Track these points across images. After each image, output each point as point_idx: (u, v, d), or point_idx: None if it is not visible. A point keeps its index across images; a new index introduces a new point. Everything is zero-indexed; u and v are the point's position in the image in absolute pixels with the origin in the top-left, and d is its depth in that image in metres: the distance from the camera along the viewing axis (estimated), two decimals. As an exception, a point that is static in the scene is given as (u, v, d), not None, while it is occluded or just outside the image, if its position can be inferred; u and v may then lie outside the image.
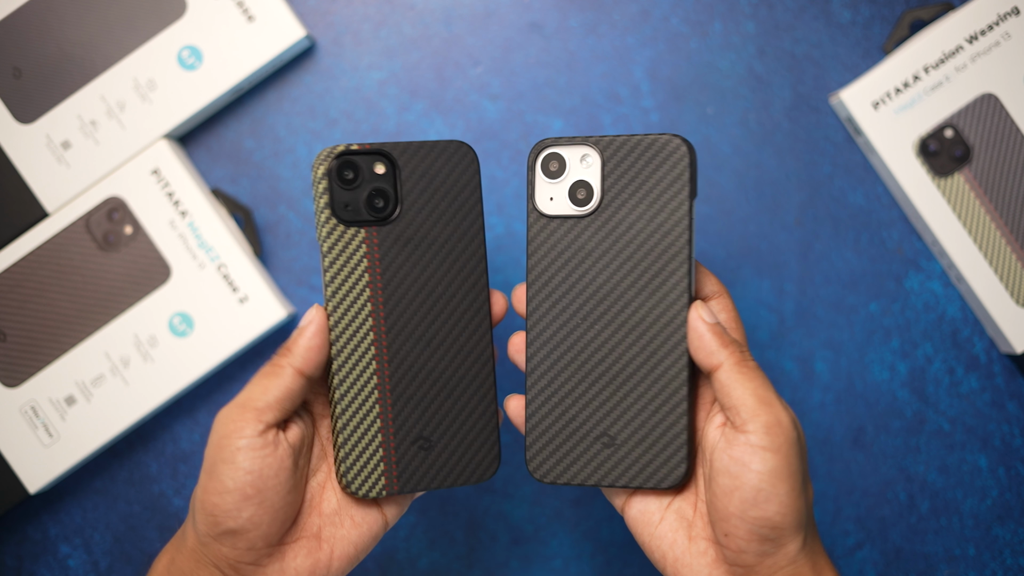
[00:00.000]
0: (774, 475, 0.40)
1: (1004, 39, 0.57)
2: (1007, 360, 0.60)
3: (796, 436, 0.41)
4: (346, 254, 0.45)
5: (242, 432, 0.42)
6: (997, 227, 0.57)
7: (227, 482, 0.41)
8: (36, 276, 0.58)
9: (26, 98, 0.58)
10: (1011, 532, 0.59)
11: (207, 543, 0.42)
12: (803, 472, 0.41)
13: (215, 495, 0.41)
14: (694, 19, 0.61)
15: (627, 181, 0.45)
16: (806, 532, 0.41)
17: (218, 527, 0.41)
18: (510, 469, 0.60)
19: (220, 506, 0.41)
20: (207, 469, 0.42)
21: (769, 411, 0.40)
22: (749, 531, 0.40)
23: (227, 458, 0.41)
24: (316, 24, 0.61)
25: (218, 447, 0.42)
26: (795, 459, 0.40)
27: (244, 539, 0.42)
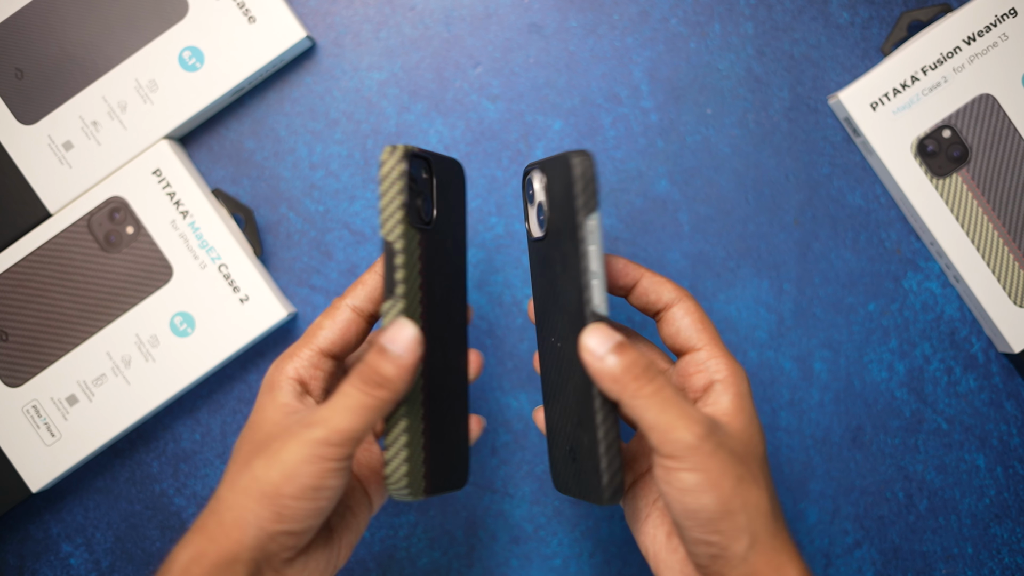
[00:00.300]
0: (697, 490, 0.40)
1: (1002, 40, 0.57)
2: (1005, 360, 0.60)
3: (715, 444, 0.41)
4: (414, 256, 0.44)
5: (339, 457, 0.41)
6: (995, 227, 0.57)
7: (308, 499, 0.41)
8: (38, 276, 0.58)
9: (28, 99, 0.58)
10: (1009, 531, 0.59)
11: (257, 535, 0.40)
12: (737, 474, 0.41)
13: (291, 500, 0.40)
14: (693, 20, 0.61)
15: (555, 201, 0.45)
16: (757, 531, 0.41)
17: (281, 525, 0.41)
18: (510, 469, 0.60)
19: (293, 509, 0.40)
20: (286, 474, 0.40)
21: (676, 432, 0.40)
22: (690, 538, 0.41)
23: (315, 473, 0.41)
24: (317, 25, 0.62)
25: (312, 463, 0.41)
26: (718, 468, 0.40)
27: (297, 539, 0.41)
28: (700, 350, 0.45)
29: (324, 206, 0.61)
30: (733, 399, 0.44)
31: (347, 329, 0.46)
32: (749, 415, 0.44)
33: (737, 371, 0.45)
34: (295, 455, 0.40)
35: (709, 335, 0.46)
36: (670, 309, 0.46)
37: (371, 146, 0.61)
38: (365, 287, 0.47)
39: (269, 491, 0.40)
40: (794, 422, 0.60)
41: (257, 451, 0.42)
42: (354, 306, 0.47)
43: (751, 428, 0.43)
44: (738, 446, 0.42)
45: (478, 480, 0.60)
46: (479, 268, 0.61)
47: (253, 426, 0.44)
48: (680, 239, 0.61)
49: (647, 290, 0.47)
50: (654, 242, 0.61)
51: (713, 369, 0.45)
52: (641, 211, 0.61)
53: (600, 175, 0.61)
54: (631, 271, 0.47)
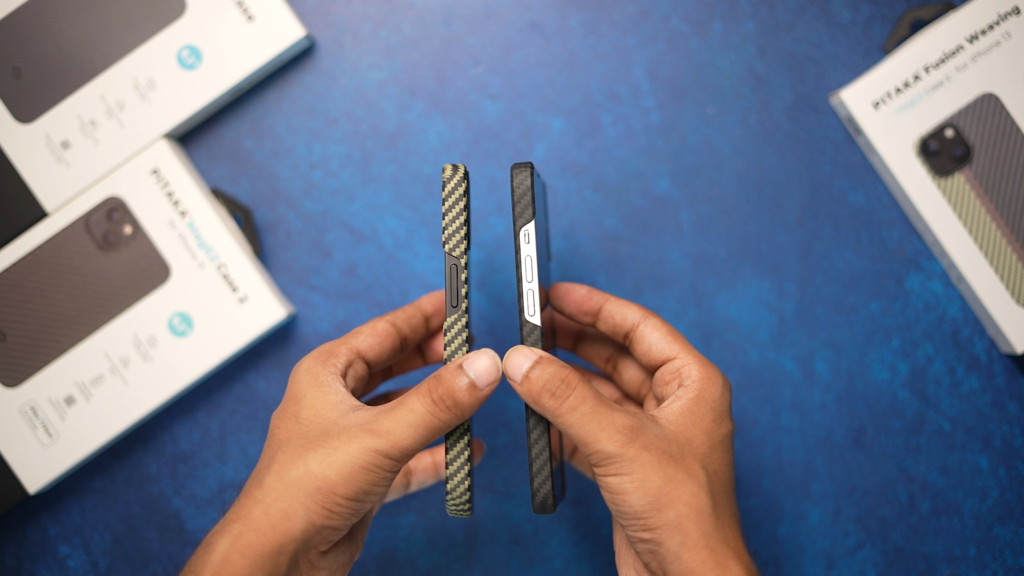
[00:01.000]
0: (624, 491, 0.42)
1: (1005, 39, 0.57)
2: (1008, 360, 0.60)
3: (639, 448, 0.42)
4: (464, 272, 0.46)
5: (394, 468, 0.43)
6: (998, 227, 0.57)
7: (358, 501, 0.42)
8: (35, 276, 0.58)
9: (25, 98, 0.58)
10: (1012, 532, 0.59)
11: (305, 529, 0.41)
12: (666, 474, 0.42)
13: (344, 499, 0.41)
14: (694, 19, 0.61)
15: None
16: (688, 528, 0.41)
17: (330, 521, 0.42)
18: (510, 469, 0.60)
19: (344, 507, 0.42)
20: (344, 475, 0.41)
21: (598, 443, 0.42)
22: (630, 538, 0.43)
23: (370, 480, 0.42)
24: (316, 24, 0.61)
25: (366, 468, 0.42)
26: (642, 469, 0.41)
27: (337, 534, 0.43)
28: (674, 358, 0.46)
29: (323, 206, 0.61)
30: (687, 403, 0.44)
31: (384, 340, 0.48)
32: (698, 416, 0.44)
33: (707, 375, 0.45)
34: (355, 459, 0.41)
35: (680, 344, 0.46)
36: (637, 328, 0.47)
37: (371, 146, 0.61)
38: (406, 313, 0.50)
39: (324, 488, 0.41)
40: (796, 423, 0.60)
41: (312, 446, 0.42)
42: (393, 322, 0.49)
43: (694, 429, 0.44)
44: (672, 446, 0.42)
45: (478, 481, 0.60)
46: (479, 268, 0.61)
47: (303, 420, 0.44)
48: (681, 239, 0.60)
49: (612, 313, 0.48)
50: (655, 242, 0.60)
51: (685, 374, 0.45)
52: (642, 211, 0.61)
53: (601, 175, 0.61)
54: (594, 297, 0.48)
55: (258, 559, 0.40)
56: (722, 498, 0.43)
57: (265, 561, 0.40)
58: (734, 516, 0.44)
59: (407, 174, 0.61)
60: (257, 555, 0.40)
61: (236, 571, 0.40)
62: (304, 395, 0.44)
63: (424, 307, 0.52)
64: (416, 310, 0.51)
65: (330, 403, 0.44)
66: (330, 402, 0.44)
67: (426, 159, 0.61)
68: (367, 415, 0.43)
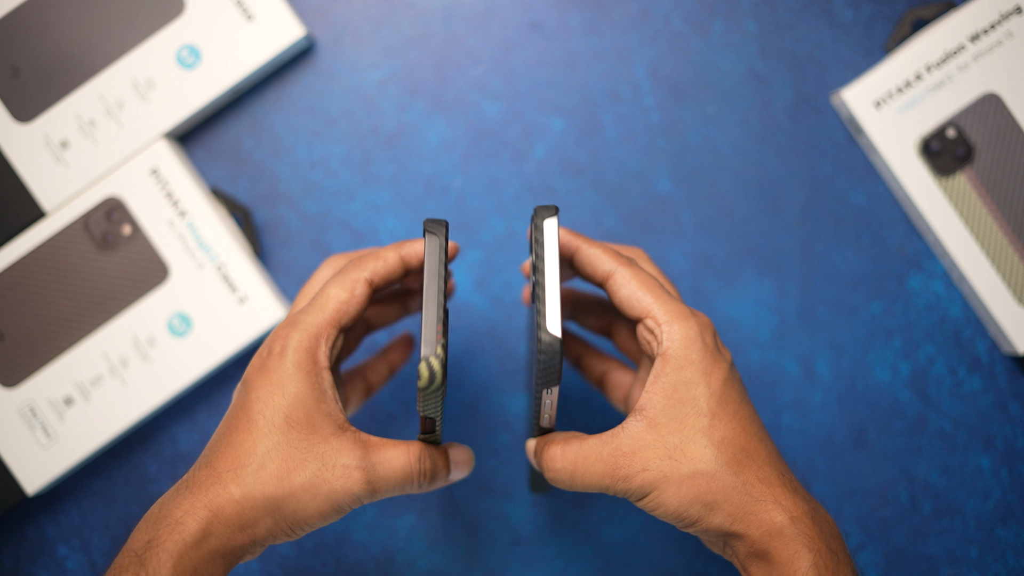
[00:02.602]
0: (656, 512, 0.43)
1: (1007, 38, 0.57)
2: (1009, 361, 0.60)
3: (639, 481, 0.43)
4: None
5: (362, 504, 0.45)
6: (999, 227, 0.57)
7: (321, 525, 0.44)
8: (34, 276, 0.57)
9: (24, 97, 0.58)
10: (1014, 534, 0.59)
11: (266, 537, 0.43)
12: (676, 483, 0.42)
13: (309, 527, 0.44)
14: (695, 18, 0.61)
15: None
16: (719, 506, 0.42)
17: (291, 538, 0.44)
18: (510, 470, 0.60)
19: (307, 530, 0.44)
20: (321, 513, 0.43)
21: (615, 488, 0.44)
22: None
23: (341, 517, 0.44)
24: (316, 23, 0.61)
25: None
26: (653, 499, 0.43)
27: (286, 542, 0.45)
28: (646, 317, 0.44)
29: (323, 206, 0.61)
30: (667, 381, 0.43)
31: (363, 305, 0.45)
32: (683, 390, 0.43)
33: (679, 336, 0.43)
34: (337, 500, 0.43)
35: (652, 297, 0.44)
36: (609, 280, 0.45)
37: (371, 146, 0.61)
38: (385, 264, 0.46)
39: (299, 517, 0.43)
40: (796, 423, 0.60)
41: (300, 466, 0.43)
42: (370, 280, 0.45)
43: (685, 408, 0.43)
44: (670, 440, 0.42)
45: (478, 481, 0.60)
46: (479, 268, 0.60)
47: (291, 419, 0.43)
48: (682, 239, 0.60)
49: (584, 261, 0.46)
50: (655, 242, 0.60)
51: (658, 337, 0.44)
52: (642, 211, 0.60)
53: (601, 175, 0.60)
54: (570, 240, 0.46)
55: (222, 550, 0.42)
56: (742, 459, 0.43)
57: (229, 552, 0.42)
58: (765, 460, 0.43)
59: (407, 174, 0.61)
60: (223, 546, 0.42)
61: (204, 555, 0.41)
62: (288, 384, 0.43)
63: (408, 259, 0.47)
64: (397, 260, 0.46)
65: (320, 413, 0.43)
66: (320, 412, 0.43)
67: (426, 159, 0.61)
68: (359, 453, 0.43)
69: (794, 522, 0.42)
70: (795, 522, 0.42)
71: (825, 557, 0.41)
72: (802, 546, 0.41)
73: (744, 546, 0.42)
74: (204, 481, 0.42)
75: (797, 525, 0.42)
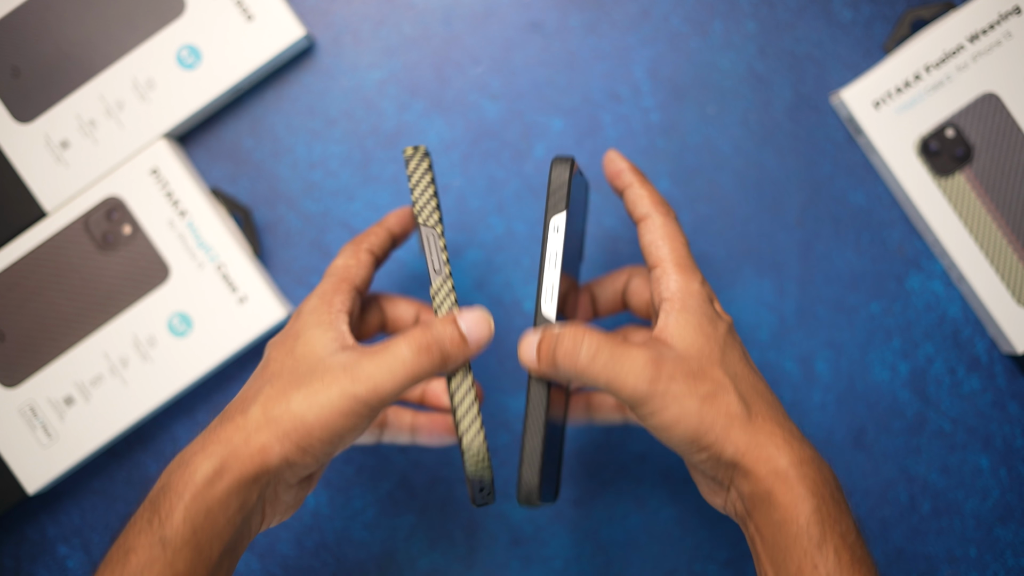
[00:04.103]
0: (668, 427, 0.43)
1: (1006, 38, 0.57)
2: (1008, 360, 0.60)
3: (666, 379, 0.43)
4: None
5: (372, 415, 0.44)
6: (998, 227, 0.57)
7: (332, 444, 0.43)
8: (35, 276, 0.58)
9: (24, 97, 0.58)
10: (1013, 533, 0.59)
11: (279, 464, 0.42)
12: (698, 395, 0.43)
13: (319, 442, 0.43)
14: (694, 18, 0.61)
15: None
16: (735, 436, 0.42)
17: (302, 459, 0.43)
18: (510, 470, 0.60)
19: (317, 449, 0.43)
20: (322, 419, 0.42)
21: (626, 388, 0.43)
22: (688, 461, 0.45)
23: (347, 425, 0.43)
24: (315, 23, 0.61)
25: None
26: (677, 402, 0.42)
27: (307, 470, 0.44)
28: (656, 267, 0.46)
29: (323, 206, 0.61)
30: (676, 317, 0.45)
31: (368, 268, 0.49)
32: (694, 325, 0.44)
33: (684, 287, 0.45)
34: (334, 404, 0.42)
35: (668, 250, 0.46)
36: (641, 223, 0.48)
37: (371, 145, 0.61)
38: (378, 238, 0.51)
39: (301, 429, 0.42)
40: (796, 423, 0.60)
41: (298, 384, 0.43)
42: (371, 250, 0.50)
43: (698, 338, 0.44)
44: (692, 363, 0.43)
45: (478, 482, 0.60)
46: (479, 268, 0.61)
47: (296, 355, 0.45)
48: (681, 239, 0.60)
49: (629, 199, 0.48)
50: (655, 242, 0.60)
51: (663, 287, 0.46)
52: (642, 211, 0.60)
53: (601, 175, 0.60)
54: (623, 177, 0.49)
55: (236, 484, 0.42)
56: (752, 395, 0.44)
57: (242, 487, 0.42)
58: (771, 404, 0.44)
59: (407, 174, 0.61)
60: (236, 480, 0.42)
61: (217, 494, 0.41)
62: (304, 331, 0.46)
63: (391, 227, 0.52)
64: (384, 231, 0.51)
65: (326, 340, 0.45)
66: (326, 339, 0.45)
67: (426, 159, 0.61)
68: (352, 357, 0.44)
69: (799, 465, 0.42)
70: (800, 465, 0.42)
71: (828, 504, 0.42)
72: (806, 490, 0.42)
73: (748, 485, 0.42)
74: (216, 425, 0.44)
75: (802, 468, 0.42)
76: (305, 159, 0.61)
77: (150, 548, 0.40)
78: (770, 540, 0.42)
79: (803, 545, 0.41)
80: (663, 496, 0.60)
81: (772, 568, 0.42)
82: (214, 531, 0.41)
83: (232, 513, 0.42)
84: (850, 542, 0.42)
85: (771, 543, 0.42)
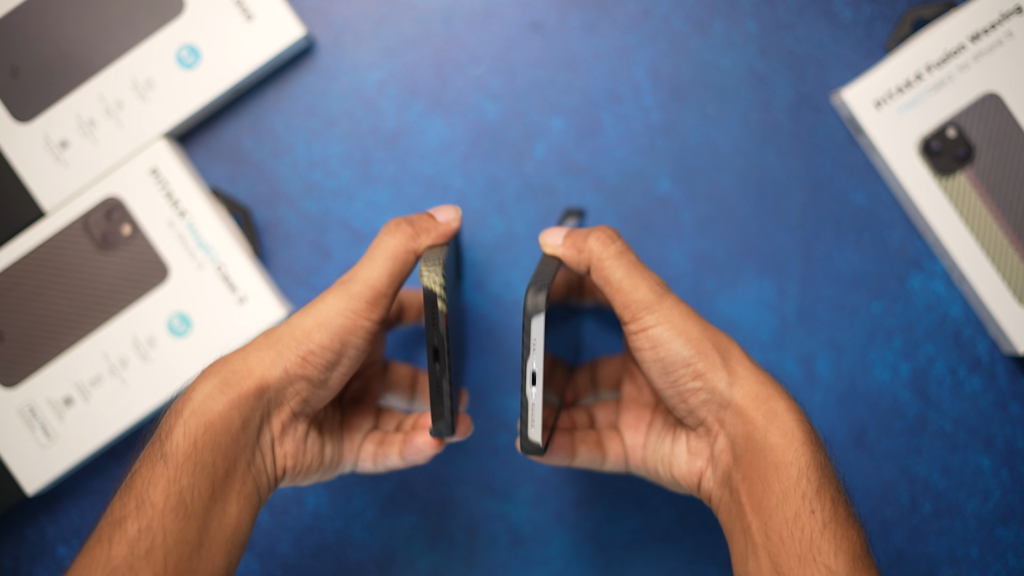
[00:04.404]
0: (668, 340, 0.43)
1: (1007, 38, 0.57)
2: (1010, 361, 0.60)
3: (674, 300, 0.43)
4: None
5: (368, 314, 0.44)
6: (1000, 227, 0.57)
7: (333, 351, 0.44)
8: (34, 276, 0.57)
9: (24, 97, 0.58)
10: (1014, 534, 0.59)
11: (280, 376, 0.43)
12: (701, 324, 0.43)
13: (318, 346, 0.43)
14: (695, 18, 0.61)
15: None
16: (734, 367, 0.43)
17: (303, 370, 0.43)
18: (510, 470, 0.60)
19: (318, 356, 0.43)
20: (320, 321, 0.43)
21: (638, 292, 0.44)
22: (676, 394, 0.43)
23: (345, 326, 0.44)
24: (315, 23, 0.61)
25: None
26: (681, 318, 0.43)
27: (310, 391, 0.44)
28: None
29: (323, 206, 0.61)
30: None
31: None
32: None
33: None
34: (331, 307, 0.43)
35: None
36: None
37: (371, 145, 0.61)
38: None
39: (299, 335, 0.43)
40: (797, 424, 0.60)
41: (300, 313, 0.44)
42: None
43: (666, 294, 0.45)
44: (678, 306, 0.44)
45: (478, 481, 0.60)
46: (479, 268, 0.60)
47: None
48: (682, 239, 0.60)
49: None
50: (656, 242, 0.60)
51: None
52: (643, 211, 0.60)
53: (601, 175, 0.61)
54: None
55: (236, 399, 0.42)
56: (727, 344, 0.44)
57: (242, 401, 0.42)
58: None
59: (407, 174, 0.61)
60: (237, 395, 0.42)
61: (217, 408, 0.41)
62: None
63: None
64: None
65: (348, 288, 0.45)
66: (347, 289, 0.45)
67: (426, 159, 0.61)
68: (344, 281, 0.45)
69: (796, 412, 0.42)
70: (797, 412, 0.42)
71: (823, 454, 0.42)
72: (805, 435, 0.42)
73: (743, 425, 0.42)
74: None
75: (799, 414, 0.42)
76: (305, 159, 0.61)
77: (152, 465, 0.40)
78: (761, 486, 0.41)
79: (802, 489, 0.40)
80: (663, 496, 0.60)
81: (760, 517, 0.41)
82: (216, 447, 0.41)
83: (235, 430, 0.42)
84: (843, 496, 0.41)
85: (762, 489, 0.41)
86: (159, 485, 0.40)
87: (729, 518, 0.43)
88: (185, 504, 0.40)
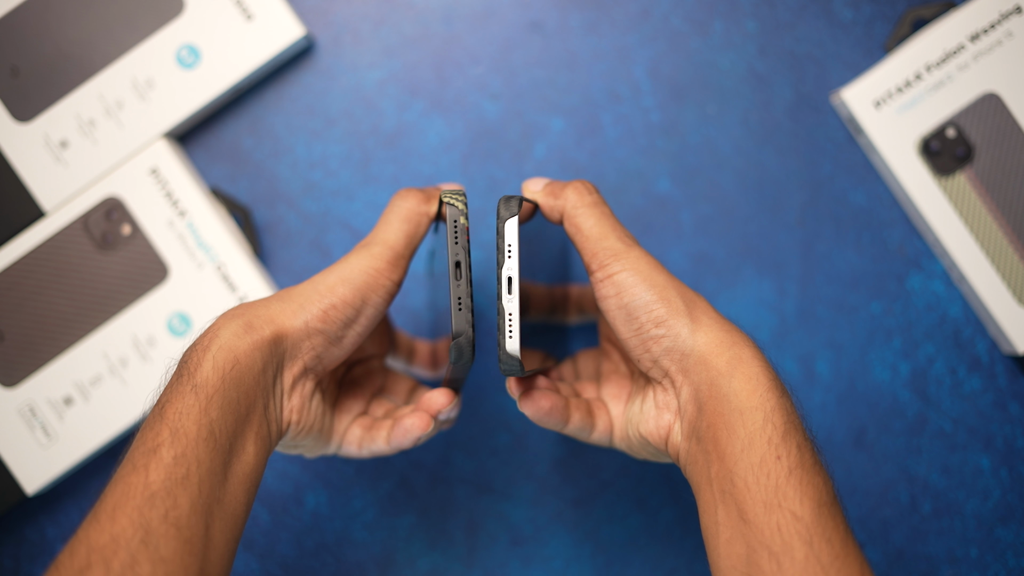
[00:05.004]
0: (633, 286, 0.43)
1: (1007, 38, 0.57)
2: (1009, 361, 0.60)
3: (641, 251, 0.44)
4: None
5: (388, 274, 0.46)
6: (999, 227, 0.57)
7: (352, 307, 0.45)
8: (34, 276, 0.57)
9: (24, 97, 0.58)
10: (1014, 534, 0.59)
11: (300, 328, 0.44)
12: (666, 274, 0.44)
13: (340, 301, 0.44)
14: (695, 18, 0.61)
15: None
16: (698, 315, 0.43)
17: (322, 324, 0.44)
18: (510, 470, 0.60)
19: (338, 311, 0.45)
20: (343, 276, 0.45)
21: (607, 240, 0.44)
22: (640, 341, 0.43)
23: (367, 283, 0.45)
24: (315, 23, 0.61)
25: None
26: (647, 266, 0.43)
27: (326, 348, 0.45)
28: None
29: (323, 205, 0.61)
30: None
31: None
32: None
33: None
34: (353, 265, 0.45)
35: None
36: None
37: (371, 145, 0.61)
38: None
39: (322, 289, 0.44)
40: (797, 423, 0.60)
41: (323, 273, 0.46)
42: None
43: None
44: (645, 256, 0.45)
45: (478, 481, 0.60)
46: (479, 268, 0.60)
47: None
48: (681, 239, 0.60)
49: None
50: (656, 242, 0.60)
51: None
52: (642, 211, 0.60)
53: (601, 175, 0.61)
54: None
55: (259, 341, 0.42)
56: (694, 297, 0.45)
57: (264, 344, 0.43)
58: None
59: (407, 174, 0.61)
60: (260, 338, 0.43)
61: (244, 346, 0.42)
62: None
63: None
64: None
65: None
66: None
67: (426, 159, 0.61)
68: None
69: (761, 360, 0.42)
70: (762, 360, 0.42)
71: (789, 401, 0.41)
72: (770, 381, 0.41)
73: (707, 372, 0.41)
74: None
75: (764, 362, 0.41)
76: (305, 159, 0.61)
77: (183, 396, 0.40)
78: (726, 432, 0.40)
79: (768, 434, 0.40)
80: (663, 496, 0.60)
81: (725, 464, 0.40)
82: (240, 385, 0.41)
83: (256, 371, 0.42)
84: (809, 443, 0.41)
85: (727, 435, 0.40)
86: (191, 415, 0.40)
87: (696, 470, 0.42)
88: (215, 436, 0.40)
